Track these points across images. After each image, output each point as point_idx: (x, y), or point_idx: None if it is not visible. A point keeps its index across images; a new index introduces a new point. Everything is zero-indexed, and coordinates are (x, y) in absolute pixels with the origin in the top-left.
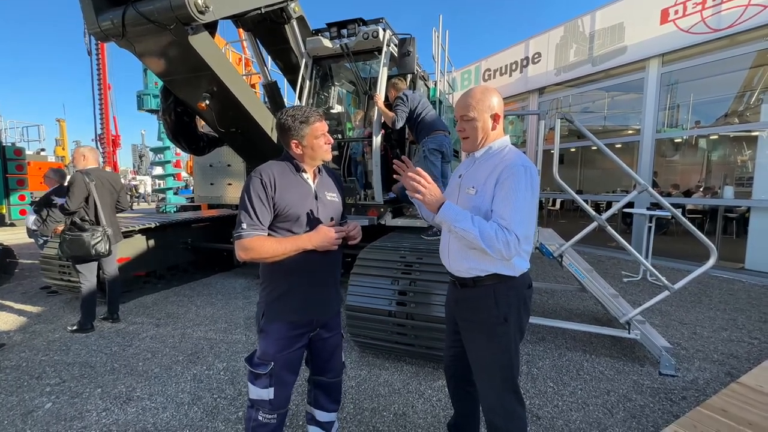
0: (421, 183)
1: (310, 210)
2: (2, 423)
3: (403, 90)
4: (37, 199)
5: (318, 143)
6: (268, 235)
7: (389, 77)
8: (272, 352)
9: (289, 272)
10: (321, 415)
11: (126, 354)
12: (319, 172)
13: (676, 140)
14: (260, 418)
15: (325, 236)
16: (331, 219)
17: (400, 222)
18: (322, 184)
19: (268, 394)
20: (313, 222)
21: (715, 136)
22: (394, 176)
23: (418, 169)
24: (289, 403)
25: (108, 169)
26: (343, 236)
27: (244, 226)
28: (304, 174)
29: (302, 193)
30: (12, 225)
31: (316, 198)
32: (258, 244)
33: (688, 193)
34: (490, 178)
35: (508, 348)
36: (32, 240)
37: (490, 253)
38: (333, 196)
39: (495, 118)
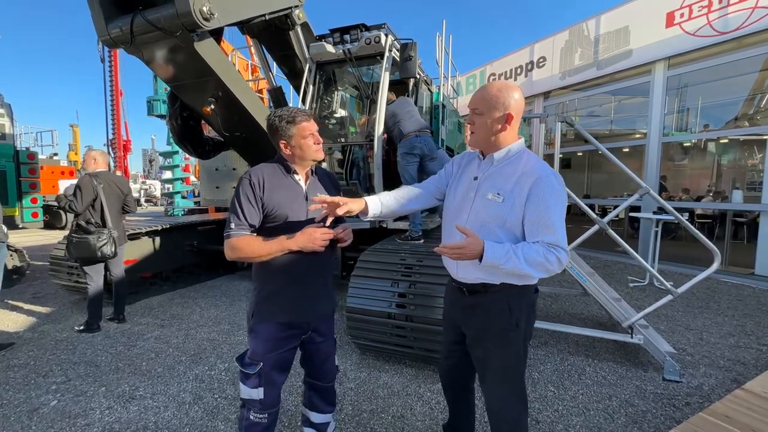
0: (453, 253)
1: (300, 211)
2: (9, 419)
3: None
4: None
5: (306, 143)
6: (258, 235)
7: (391, 82)
8: (261, 353)
9: (276, 273)
10: (316, 417)
11: (130, 354)
12: (313, 173)
13: (684, 144)
14: (252, 417)
15: (309, 237)
16: (321, 221)
17: (401, 225)
18: (315, 185)
19: (258, 393)
20: (302, 223)
21: (725, 140)
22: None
23: (438, 247)
24: (279, 403)
25: (119, 173)
26: (330, 238)
27: (233, 225)
28: (295, 175)
29: (292, 194)
30: (24, 228)
31: (307, 199)
32: (244, 243)
33: (697, 198)
34: (517, 188)
35: (518, 353)
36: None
37: (543, 276)
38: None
39: (507, 118)
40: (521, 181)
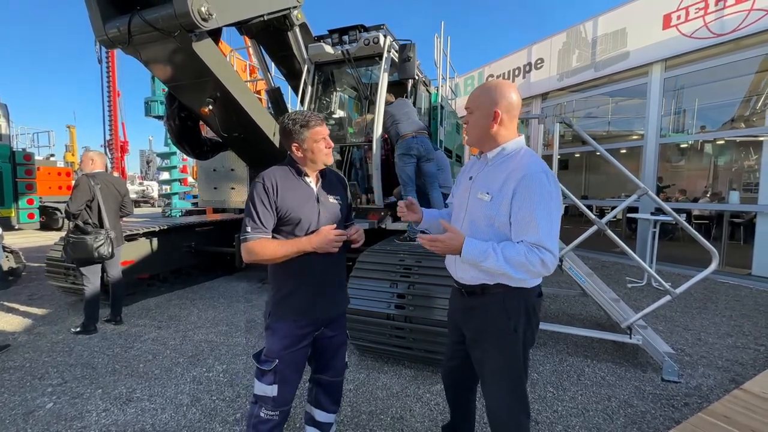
0: (432, 245)
1: (312, 213)
2: (4, 422)
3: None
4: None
5: (318, 147)
6: (273, 237)
7: (390, 83)
8: (277, 350)
9: (292, 274)
10: (320, 416)
11: (127, 356)
12: (323, 175)
13: (681, 145)
14: (262, 414)
15: (324, 238)
16: (334, 223)
17: (400, 225)
18: (325, 187)
19: (272, 390)
20: (314, 224)
21: (721, 141)
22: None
23: (419, 235)
24: (291, 402)
25: (116, 174)
26: (344, 239)
27: (249, 229)
28: (306, 178)
29: (304, 196)
30: (20, 229)
31: (318, 201)
32: (261, 246)
33: (694, 199)
34: (506, 186)
35: (517, 357)
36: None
37: (527, 278)
38: (336, 199)
39: (495, 115)
40: (509, 179)
